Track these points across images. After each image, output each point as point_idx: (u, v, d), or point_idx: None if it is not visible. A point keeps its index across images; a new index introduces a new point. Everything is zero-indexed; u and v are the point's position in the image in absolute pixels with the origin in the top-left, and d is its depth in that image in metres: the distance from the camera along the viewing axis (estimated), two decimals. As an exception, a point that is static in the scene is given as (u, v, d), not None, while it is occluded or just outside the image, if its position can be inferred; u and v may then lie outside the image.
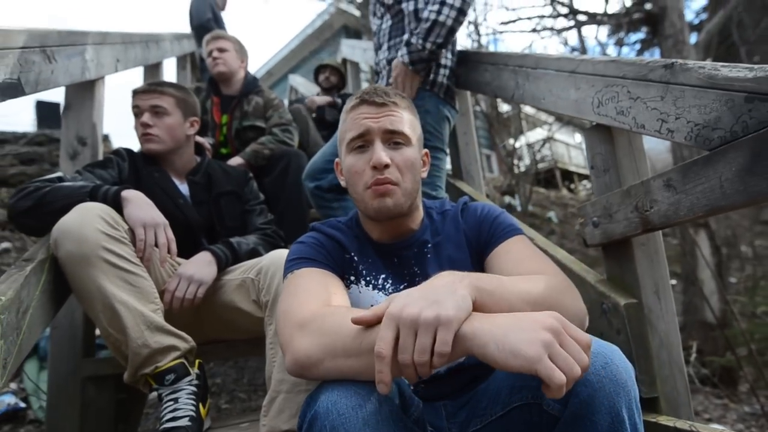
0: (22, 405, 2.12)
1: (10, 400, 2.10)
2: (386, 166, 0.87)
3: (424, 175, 0.98)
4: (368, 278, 0.94)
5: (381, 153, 0.87)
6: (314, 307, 0.73)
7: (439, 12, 1.63)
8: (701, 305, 4.07)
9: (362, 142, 0.89)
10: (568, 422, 0.66)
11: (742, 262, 5.62)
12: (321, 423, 0.60)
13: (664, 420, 0.97)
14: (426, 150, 1.01)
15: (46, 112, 6.34)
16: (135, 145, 1.62)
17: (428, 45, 1.65)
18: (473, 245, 0.94)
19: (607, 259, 1.18)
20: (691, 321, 4.58)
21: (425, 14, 1.67)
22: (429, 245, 0.95)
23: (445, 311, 0.57)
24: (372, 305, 0.76)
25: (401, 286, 0.93)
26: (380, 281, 0.93)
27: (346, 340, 0.65)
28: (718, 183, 0.83)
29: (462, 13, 1.66)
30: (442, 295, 0.60)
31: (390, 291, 0.93)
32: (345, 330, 0.66)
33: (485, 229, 0.93)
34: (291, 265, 0.88)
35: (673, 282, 5.92)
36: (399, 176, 0.88)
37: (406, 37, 1.75)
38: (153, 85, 1.55)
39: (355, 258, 0.95)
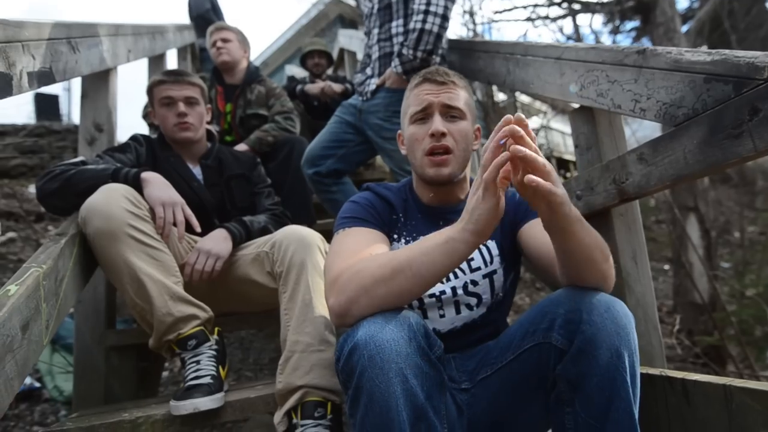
0: (37, 385, 2.23)
1: (26, 380, 2.21)
2: (443, 134, 0.99)
3: (476, 147, 1.09)
4: (408, 238, 1.06)
5: (439, 123, 1.00)
6: (347, 262, 0.84)
7: (424, 21, 1.72)
8: (691, 288, 4.19)
9: (423, 115, 1.02)
10: (574, 356, 0.78)
11: (732, 247, 5.75)
12: (360, 352, 0.71)
13: (640, 369, 1.08)
14: (478, 125, 1.11)
15: (44, 104, 6.39)
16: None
17: (419, 54, 1.74)
18: (505, 222, 1.05)
19: (590, 229, 1.29)
20: (682, 303, 4.71)
21: (412, 25, 1.75)
22: None
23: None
24: None
25: None
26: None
27: (375, 272, 0.78)
28: (682, 155, 0.94)
29: (445, 18, 1.75)
30: None
31: None
32: (373, 265, 0.79)
33: (522, 209, 1.05)
34: (341, 223, 1.00)
35: (666, 267, 6.05)
36: (454, 145, 1.01)
37: (396, 48, 1.84)
38: (182, 75, 1.62)
39: (402, 219, 1.07)
